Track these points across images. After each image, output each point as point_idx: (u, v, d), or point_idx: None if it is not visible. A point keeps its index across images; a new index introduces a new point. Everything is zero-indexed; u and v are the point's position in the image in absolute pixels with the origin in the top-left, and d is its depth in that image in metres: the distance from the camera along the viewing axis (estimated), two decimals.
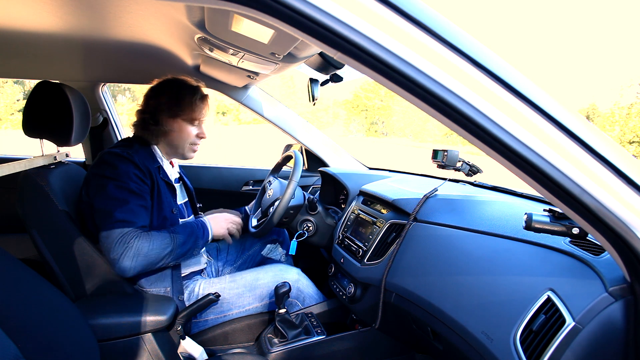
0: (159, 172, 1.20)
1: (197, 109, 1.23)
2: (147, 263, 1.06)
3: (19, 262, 0.78)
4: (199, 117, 1.24)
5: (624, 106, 14.55)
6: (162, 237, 1.10)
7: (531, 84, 0.51)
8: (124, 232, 1.04)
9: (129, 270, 1.04)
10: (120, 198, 1.07)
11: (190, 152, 1.28)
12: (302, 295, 1.33)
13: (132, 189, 1.09)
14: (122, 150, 1.13)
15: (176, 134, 1.23)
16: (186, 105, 1.21)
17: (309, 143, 1.90)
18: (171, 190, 1.25)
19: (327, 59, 1.10)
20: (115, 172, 1.08)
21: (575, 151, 0.51)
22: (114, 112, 2.05)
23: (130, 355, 1.01)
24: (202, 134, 1.27)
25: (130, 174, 1.09)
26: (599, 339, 0.59)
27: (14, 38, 1.11)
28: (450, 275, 0.87)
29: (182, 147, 1.26)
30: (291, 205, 1.36)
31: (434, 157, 1.15)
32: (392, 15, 0.46)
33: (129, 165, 1.10)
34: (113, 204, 1.06)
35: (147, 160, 1.18)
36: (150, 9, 0.86)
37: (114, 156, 1.11)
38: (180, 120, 1.22)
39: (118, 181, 1.08)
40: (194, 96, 1.22)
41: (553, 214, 0.65)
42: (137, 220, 1.07)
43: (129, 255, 1.03)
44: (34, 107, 1.13)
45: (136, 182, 1.10)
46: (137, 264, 1.04)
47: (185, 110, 1.21)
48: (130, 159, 1.11)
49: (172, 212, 1.22)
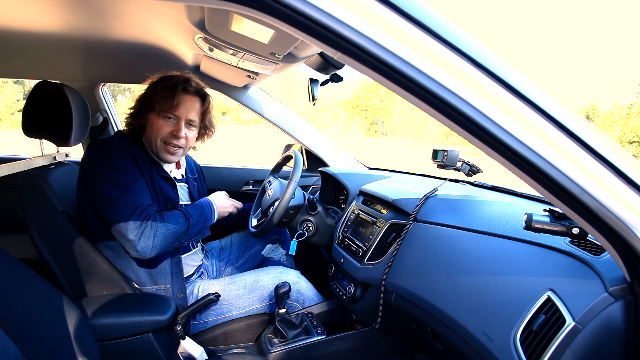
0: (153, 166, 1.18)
1: (162, 99, 1.13)
2: (166, 243, 1.06)
3: (19, 262, 0.78)
4: (167, 109, 1.14)
5: (624, 106, 14.55)
6: (175, 216, 1.10)
7: (531, 84, 0.51)
8: (137, 212, 1.03)
9: (150, 249, 1.03)
10: (119, 179, 1.06)
11: (164, 153, 1.17)
12: (302, 298, 1.33)
13: (124, 168, 1.08)
14: (107, 139, 1.13)
15: (149, 129, 1.17)
16: (153, 95, 1.15)
17: (309, 143, 1.90)
18: (170, 183, 1.22)
19: (327, 59, 1.10)
20: (104, 156, 1.08)
21: (575, 151, 0.51)
22: (114, 112, 2.05)
23: (130, 355, 1.01)
24: (176, 132, 1.15)
25: (117, 155, 1.09)
26: (599, 339, 0.59)
27: (14, 38, 1.12)
28: (450, 275, 0.87)
29: (155, 145, 1.16)
30: (291, 205, 1.36)
31: (434, 157, 1.15)
32: (392, 15, 0.46)
33: (115, 149, 1.09)
34: (113, 186, 1.04)
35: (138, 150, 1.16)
36: (150, 9, 0.86)
37: (99, 143, 1.11)
38: (152, 114, 1.16)
39: (109, 164, 1.07)
40: (159, 85, 1.15)
41: (553, 214, 0.65)
42: (143, 199, 1.07)
43: (147, 234, 1.03)
44: (33, 107, 1.13)
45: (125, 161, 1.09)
46: (157, 242, 1.04)
47: (153, 100, 1.15)
48: (113, 144, 1.10)
49: (168, 206, 1.19)
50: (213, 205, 1.25)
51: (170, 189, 1.21)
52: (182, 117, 1.16)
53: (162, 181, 1.19)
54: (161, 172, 1.21)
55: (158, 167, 1.21)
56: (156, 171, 1.19)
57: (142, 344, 1.02)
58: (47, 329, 0.75)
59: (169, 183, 1.21)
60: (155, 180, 1.16)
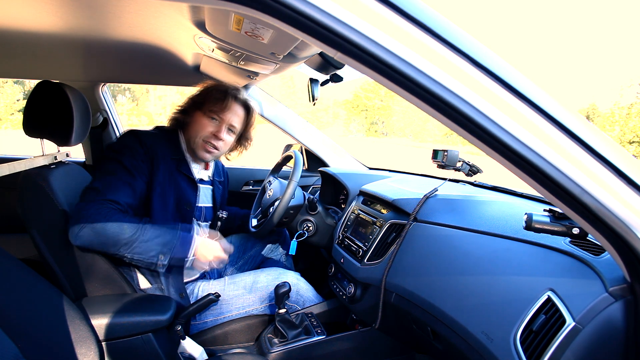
0: (177, 164, 1.21)
1: (214, 101, 1.22)
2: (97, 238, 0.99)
3: (19, 262, 0.77)
4: (217, 110, 1.22)
5: (624, 106, 14.55)
6: (125, 220, 1.03)
7: (531, 84, 0.51)
8: (90, 200, 1.03)
9: (75, 237, 0.99)
10: (108, 170, 1.09)
11: (202, 151, 1.24)
12: (302, 300, 1.33)
13: (124, 163, 1.10)
14: (140, 131, 1.18)
15: (193, 126, 1.24)
16: (207, 96, 1.23)
17: (309, 143, 1.90)
18: (192, 185, 1.24)
19: (327, 59, 1.10)
20: (117, 145, 1.14)
21: (575, 151, 0.51)
22: (114, 112, 2.05)
23: (131, 355, 1.01)
24: (217, 133, 1.23)
25: (129, 147, 1.12)
26: (599, 339, 0.59)
27: (14, 38, 1.11)
28: (451, 275, 0.87)
29: (195, 142, 1.23)
30: (291, 205, 1.36)
31: (434, 157, 1.15)
32: (392, 15, 0.46)
33: (134, 141, 1.14)
34: (99, 174, 1.09)
35: (165, 148, 1.19)
36: (150, 9, 0.86)
37: (126, 132, 1.17)
38: (199, 113, 1.24)
39: (115, 153, 1.12)
40: (216, 88, 1.25)
41: (553, 214, 0.65)
42: (109, 193, 1.05)
43: (79, 221, 0.99)
44: (34, 107, 1.13)
45: (132, 157, 1.11)
46: (84, 233, 0.99)
47: (205, 101, 1.23)
48: (139, 137, 1.15)
49: (185, 208, 1.22)
50: (191, 243, 1.10)
51: (189, 189, 1.23)
52: (226, 121, 1.24)
53: (181, 180, 1.21)
54: (184, 171, 1.23)
55: (183, 164, 1.23)
56: (178, 168, 1.21)
57: (142, 344, 1.02)
58: (47, 329, 0.75)
59: (189, 183, 1.23)
60: (173, 178, 1.19)
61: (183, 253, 1.08)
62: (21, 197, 1.08)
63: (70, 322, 0.80)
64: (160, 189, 1.15)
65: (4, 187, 1.87)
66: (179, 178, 1.20)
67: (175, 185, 1.18)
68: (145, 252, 1.03)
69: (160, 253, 1.05)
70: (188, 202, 1.22)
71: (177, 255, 1.07)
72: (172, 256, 1.06)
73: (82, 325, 0.82)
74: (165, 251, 1.05)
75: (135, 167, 1.11)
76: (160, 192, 1.15)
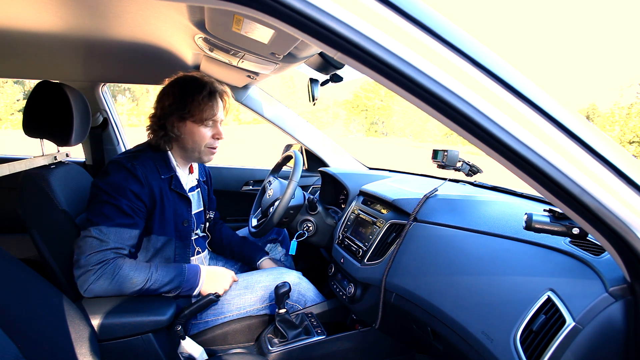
0: (169, 184, 1.15)
1: (206, 108, 1.12)
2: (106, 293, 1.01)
3: (19, 262, 0.78)
4: (209, 116, 1.13)
5: (624, 106, 14.54)
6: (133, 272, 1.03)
7: (531, 84, 0.51)
8: (93, 251, 0.99)
9: (85, 291, 1.00)
10: (105, 214, 1.02)
11: (208, 155, 1.19)
12: (304, 299, 1.33)
13: (121, 207, 1.03)
14: (127, 160, 1.07)
15: (188, 138, 1.15)
16: (192, 105, 1.12)
17: (309, 143, 1.90)
18: (184, 200, 1.19)
19: (327, 59, 1.10)
20: (111, 184, 1.04)
21: (575, 151, 0.51)
22: (114, 112, 2.05)
23: (130, 355, 1.01)
24: (218, 134, 1.18)
25: (126, 189, 1.04)
26: (599, 339, 0.58)
27: (14, 38, 1.11)
28: (451, 275, 0.87)
29: (198, 151, 1.17)
30: (291, 205, 1.36)
31: (434, 157, 1.15)
32: (392, 15, 0.46)
33: (128, 180, 1.05)
34: (97, 218, 1.01)
35: (155, 172, 1.11)
36: (150, 9, 0.86)
37: (117, 166, 1.06)
38: (189, 123, 1.13)
39: (110, 195, 1.03)
40: (200, 94, 1.12)
41: (553, 214, 0.65)
42: (111, 240, 1.01)
43: (88, 278, 0.98)
44: (34, 107, 1.13)
45: (129, 199, 1.04)
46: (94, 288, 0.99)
47: (192, 111, 1.12)
48: (133, 172, 1.06)
49: (182, 225, 1.18)
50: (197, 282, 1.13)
51: (183, 205, 1.18)
52: (219, 120, 1.18)
53: (174, 197, 1.16)
54: (177, 188, 1.16)
55: (174, 181, 1.16)
56: (170, 186, 1.15)
57: (142, 344, 1.02)
58: (47, 329, 0.75)
59: (181, 199, 1.18)
60: (167, 198, 1.13)
61: (190, 292, 1.13)
62: (21, 197, 1.08)
63: (70, 322, 0.80)
64: (159, 215, 1.12)
65: (4, 187, 1.87)
66: (172, 196, 1.15)
67: (169, 205, 1.14)
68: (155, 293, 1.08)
69: (169, 293, 1.10)
70: (184, 219, 1.19)
71: (185, 294, 1.13)
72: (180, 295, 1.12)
73: (82, 325, 0.83)
74: (173, 292, 1.10)
75: (134, 209, 1.05)
76: (159, 217, 1.12)
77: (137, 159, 1.09)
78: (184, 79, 1.16)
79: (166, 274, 1.08)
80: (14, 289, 0.73)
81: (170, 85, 1.16)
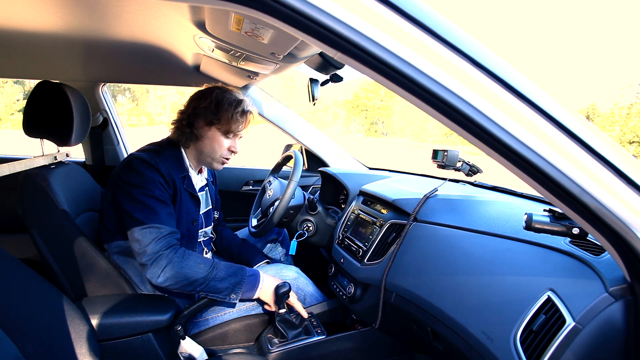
0: (183, 182, 1.18)
1: (235, 122, 1.17)
2: (177, 280, 1.04)
3: (19, 262, 0.78)
4: (234, 130, 1.19)
5: (624, 106, 14.53)
6: (198, 260, 1.08)
7: (531, 84, 0.51)
8: (157, 237, 1.04)
9: (157, 277, 1.03)
10: (149, 205, 1.06)
11: (219, 164, 1.24)
12: (303, 294, 1.33)
13: (158, 197, 1.08)
14: (149, 157, 1.11)
15: (207, 142, 1.19)
16: (224, 114, 1.17)
17: (309, 143, 1.90)
18: (195, 200, 1.22)
19: (327, 59, 1.10)
20: (140, 179, 1.07)
21: (575, 151, 0.51)
22: (114, 112, 2.05)
23: (131, 355, 1.01)
24: (233, 148, 1.22)
25: (155, 181, 1.08)
26: (599, 339, 0.59)
27: (14, 38, 1.11)
28: (450, 275, 0.87)
29: (211, 157, 1.21)
30: (291, 205, 1.36)
31: (434, 157, 1.15)
32: (392, 15, 0.46)
33: (155, 173, 1.09)
34: (140, 209, 1.05)
35: (174, 169, 1.16)
36: (150, 9, 0.86)
37: (141, 162, 1.09)
38: (214, 129, 1.18)
39: (145, 189, 1.07)
40: (235, 109, 1.17)
41: (553, 214, 0.65)
42: (165, 228, 1.06)
43: (160, 263, 1.03)
44: (34, 107, 1.13)
45: (161, 189, 1.09)
46: (167, 274, 1.03)
47: (222, 120, 1.17)
48: (156, 167, 1.10)
49: (192, 224, 1.21)
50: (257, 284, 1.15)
51: (192, 204, 1.21)
52: (240, 135, 1.23)
53: (186, 197, 1.19)
54: (189, 188, 1.20)
55: (187, 180, 1.20)
56: (185, 186, 1.18)
57: (142, 344, 1.02)
58: (47, 329, 0.75)
59: (192, 199, 1.21)
60: (182, 197, 1.17)
61: (250, 295, 1.14)
62: (21, 197, 1.08)
63: (70, 322, 0.80)
64: (177, 210, 1.15)
65: (4, 187, 1.87)
66: (184, 195, 1.18)
67: (182, 203, 1.17)
68: (218, 290, 1.10)
69: (232, 292, 1.11)
70: (193, 218, 1.21)
71: (245, 296, 1.14)
72: (241, 297, 1.13)
73: (81, 325, 0.83)
74: (236, 291, 1.11)
75: (165, 198, 1.10)
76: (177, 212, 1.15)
77: (159, 156, 1.14)
78: (223, 89, 1.22)
79: (229, 267, 1.12)
80: (14, 289, 0.73)
81: (210, 90, 1.20)
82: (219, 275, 1.09)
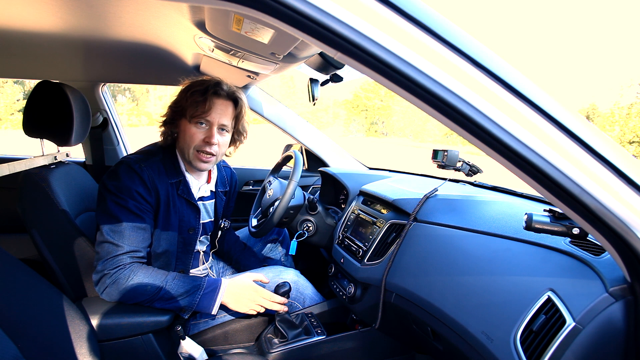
0: (177, 188, 1.13)
1: (199, 106, 1.08)
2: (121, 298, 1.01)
3: (19, 262, 0.78)
4: (197, 114, 1.09)
5: (624, 106, 14.54)
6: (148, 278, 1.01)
7: (531, 84, 0.51)
8: (109, 256, 1.00)
9: (102, 294, 1.01)
10: (115, 216, 1.01)
11: (197, 161, 1.13)
12: (302, 297, 1.33)
13: (130, 208, 1.03)
14: (135, 162, 1.07)
15: (181, 136, 1.13)
16: (184, 99, 1.10)
17: (309, 143, 1.90)
18: (192, 208, 1.17)
19: (327, 59, 1.10)
20: (117, 185, 1.03)
21: (575, 151, 0.51)
22: (114, 112, 2.05)
23: (131, 355, 1.01)
24: (209, 139, 1.10)
25: (132, 190, 1.03)
26: (599, 339, 0.58)
27: (14, 38, 1.11)
28: (451, 275, 0.87)
29: (187, 152, 1.12)
30: (291, 205, 1.36)
31: (434, 157, 1.15)
32: (392, 15, 0.46)
33: (133, 181, 1.04)
34: (107, 220, 1.02)
35: (161, 175, 1.10)
36: (150, 9, 0.86)
37: (124, 168, 1.05)
38: (184, 120, 1.12)
39: (119, 197, 1.02)
40: (193, 90, 1.10)
41: (553, 214, 0.65)
42: (125, 244, 1.02)
43: (104, 282, 1.00)
44: (34, 107, 1.13)
45: (137, 200, 1.04)
46: (111, 294, 1.00)
47: (187, 106, 1.09)
48: (139, 173, 1.05)
49: (188, 232, 1.17)
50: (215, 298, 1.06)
51: (190, 212, 1.17)
52: (215, 123, 1.11)
53: (182, 204, 1.15)
54: (185, 194, 1.15)
55: (182, 186, 1.15)
56: (178, 191, 1.13)
57: (142, 344, 1.02)
58: (47, 329, 0.75)
59: (189, 206, 1.16)
60: (174, 203, 1.12)
61: (208, 309, 1.07)
62: (21, 197, 1.08)
63: (70, 322, 0.80)
64: (163, 220, 1.11)
65: (4, 187, 1.87)
66: (179, 202, 1.14)
67: (176, 210, 1.13)
68: (170, 305, 1.04)
69: (184, 308, 1.05)
70: (191, 226, 1.17)
71: (202, 310, 1.07)
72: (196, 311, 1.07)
73: (81, 325, 0.83)
74: (188, 307, 1.05)
75: (142, 210, 1.05)
76: (163, 222, 1.11)
77: (145, 161, 1.09)
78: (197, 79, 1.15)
79: (182, 285, 1.04)
80: (14, 289, 0.73)
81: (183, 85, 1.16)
82: (168, 294, 1.02)
